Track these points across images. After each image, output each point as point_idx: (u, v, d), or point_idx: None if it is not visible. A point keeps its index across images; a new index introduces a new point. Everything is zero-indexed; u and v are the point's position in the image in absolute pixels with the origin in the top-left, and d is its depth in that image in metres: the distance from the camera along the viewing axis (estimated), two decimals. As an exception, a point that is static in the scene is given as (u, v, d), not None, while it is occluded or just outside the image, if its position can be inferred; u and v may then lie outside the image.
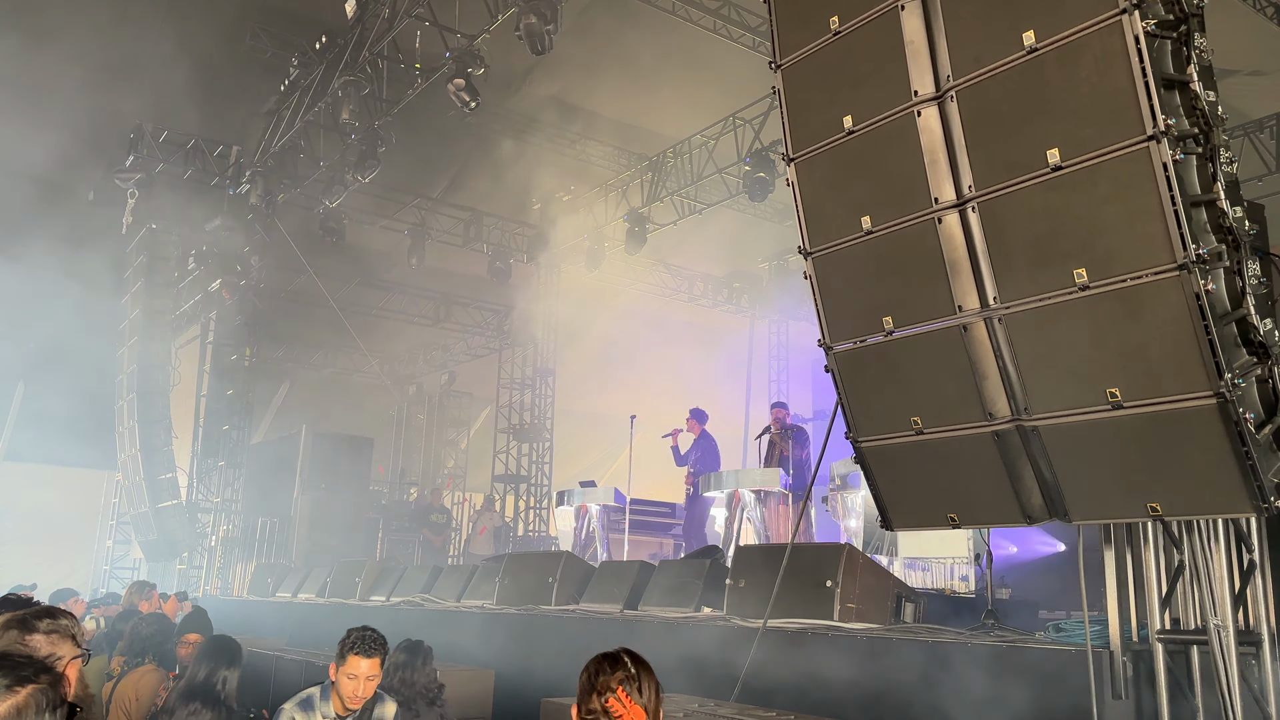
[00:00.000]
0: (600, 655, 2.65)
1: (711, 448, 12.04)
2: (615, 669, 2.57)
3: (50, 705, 1.90)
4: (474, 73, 11.31)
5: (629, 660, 2.61)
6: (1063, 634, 4.86)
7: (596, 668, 2.60)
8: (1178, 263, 3.63)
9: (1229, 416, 3.62)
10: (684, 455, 12.00)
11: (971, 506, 4.61)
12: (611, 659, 2.62)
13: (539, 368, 19.38)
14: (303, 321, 20.17)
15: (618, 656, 2.63)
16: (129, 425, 16.10)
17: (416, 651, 5.24)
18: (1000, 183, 4.12)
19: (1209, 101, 3.80)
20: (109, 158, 15.24)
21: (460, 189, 17.17)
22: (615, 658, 2.62)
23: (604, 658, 2.63)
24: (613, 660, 2.61)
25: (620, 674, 2.56)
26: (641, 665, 2.61)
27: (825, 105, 4.78)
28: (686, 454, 11.98)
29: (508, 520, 18.30)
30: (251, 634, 9.88)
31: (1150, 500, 3.94)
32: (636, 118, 15.44)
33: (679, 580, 7.25)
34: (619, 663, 2.60)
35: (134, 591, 8.13)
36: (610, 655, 2.64)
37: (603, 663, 2.61)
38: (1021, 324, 4.14)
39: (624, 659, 2.61)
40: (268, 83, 14.36)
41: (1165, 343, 3.73)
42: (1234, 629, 4.17)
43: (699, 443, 11.98)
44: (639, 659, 2.63)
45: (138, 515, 16.55)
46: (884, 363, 4.71)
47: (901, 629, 5.72)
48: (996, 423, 4.32)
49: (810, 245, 4.93)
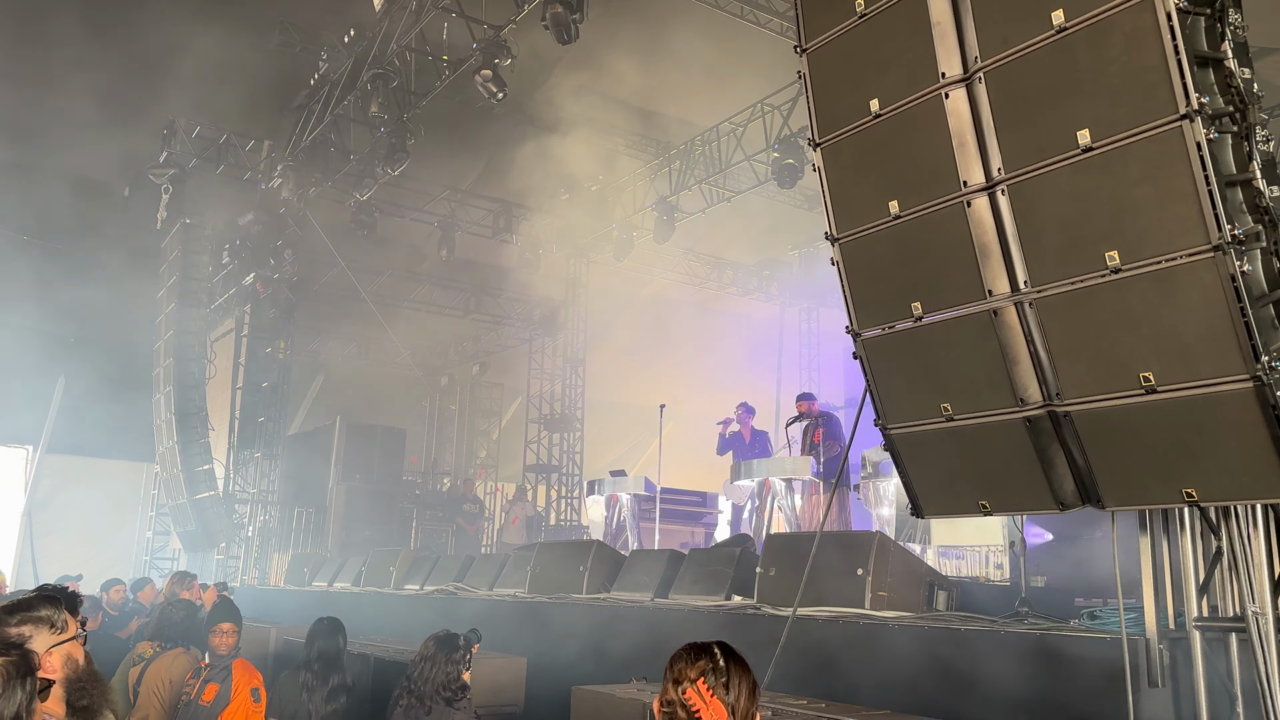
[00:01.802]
0: (689, 645, 2.43)
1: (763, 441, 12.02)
2: (699, 658, 2.36)
3: (20, 674, 2.05)
4: (501, 64, 11.33)
5: (718, 651, 2.39)
6: (1098, 621, 4.81)
7: (680, 656, 2.39)
8: (1212, 244, 3.55)
9: (1266, 400, 3.55)
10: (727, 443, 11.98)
11: (1003, 493, 4.56)
12: (698, 648, 2.40)
13: (569, 358, 19.43)
14: (336, 314, 20.36)
15: (707, 646, 2.41)
16: (166, 418, 16.34)
17: (445, 645, 5.17)
18: (1030, 165, 4.05)
19: (1244, 79, 3.72)
20: (143, 154, 15.44)
21: (489, 180, 17.22)
22: (703, 647, 2.40)
23: (691, 646, 2.42)
24: (698, 649, 2.39)
25: (704, 664, 2.34)
26: (733, 659, 2.38)
27: (851, 89, 4.74)
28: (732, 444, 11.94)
29: (539, 510, 18.39)
30: (288, 623, 10.02)
31: (1185, 486, 3.87)
32: (664, 106, 15.40)
33: (709, 569, 7.25)
34: (705, 653, 2.38)
35: (175, 582, 8.26)
36: (699, 644, 2.42)
37: (688, 651, 2.40)
38: (1053, 308, 4.08)
39: (713, 649, 2.39)
40: (297, 77, 14.47)
41: (1199, 326, 3.66)
42: (1274, 616, 4.10)
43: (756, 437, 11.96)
44: (732, 652, 2.40)
45: (176, 506, 16.81)
46: (913, 349, 4.66)
47: (933, 617, 5.68)
48: (1028, 408, 4.27)
49: (837, 231, 4.89)
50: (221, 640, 5.25)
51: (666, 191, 16.28)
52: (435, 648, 5.13)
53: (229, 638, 5.30)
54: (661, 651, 6.48)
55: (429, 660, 5.08)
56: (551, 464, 19.03)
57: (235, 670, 5.06)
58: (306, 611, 11.84)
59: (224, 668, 5.10)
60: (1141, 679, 4.30)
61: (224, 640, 5.27)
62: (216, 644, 5.24)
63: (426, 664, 5.07)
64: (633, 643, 6.72)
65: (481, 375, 22.82)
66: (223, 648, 5.24)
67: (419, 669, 5.06)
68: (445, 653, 5.10)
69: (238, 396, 17.41)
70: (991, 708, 4.66)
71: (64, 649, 2.64)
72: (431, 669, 5.04)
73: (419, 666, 5.07)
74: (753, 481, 10.97)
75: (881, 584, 5.81)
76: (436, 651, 5.11)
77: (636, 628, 6.90)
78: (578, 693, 5.34)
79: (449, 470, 21.50)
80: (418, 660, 5.09)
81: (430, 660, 5.08)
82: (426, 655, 5.11)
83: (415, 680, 5.03)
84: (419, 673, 5.05)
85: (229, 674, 5.02)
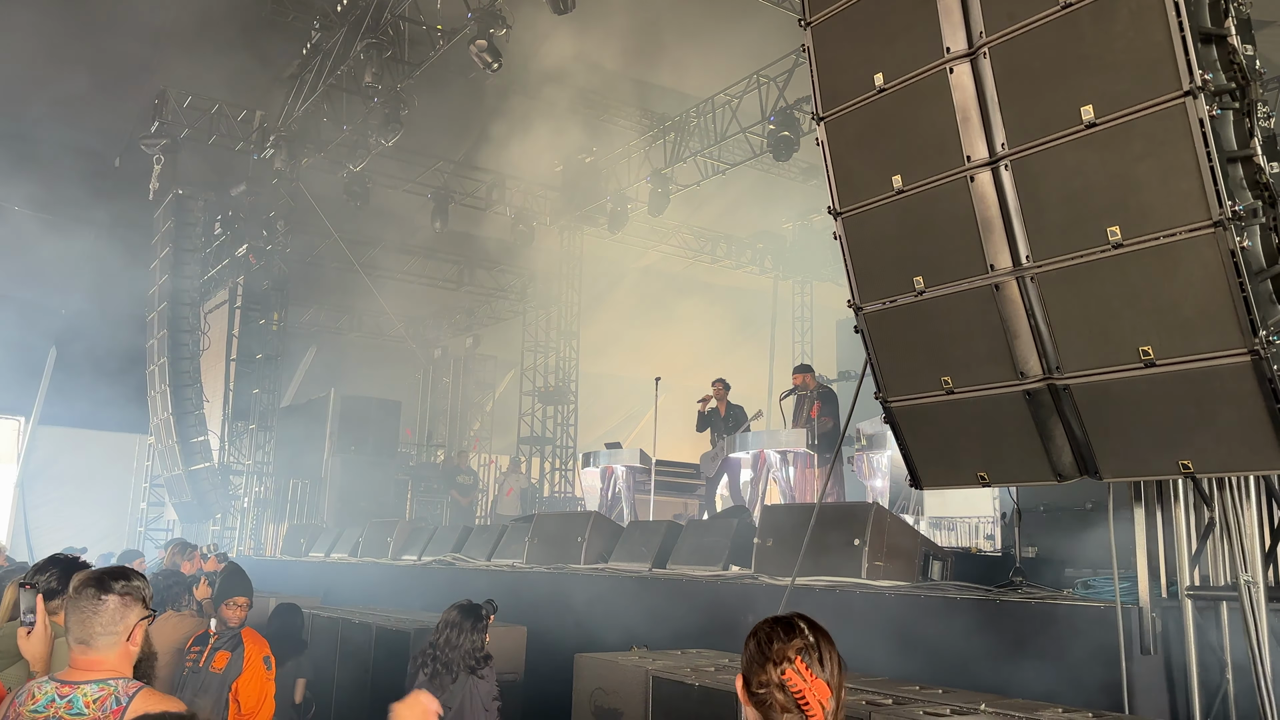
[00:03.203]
0: (770, 620, 2.28)
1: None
2: (791, 636, 2.21)
3: None
4: (496, 33, 11.26)
5: (805, 626, 2.24)
6: (1091, 590, 4.89)
7: (769, 634, 2.23)
8: (1212, 220, 3.60)
9: (1263, 373, 3.61)
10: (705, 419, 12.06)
11: (1001, 465, 4.63)
12: (785, 624, 2.24)
13: (563, 330, 19.45)
14: (329, 286, 20.32)
15: (792, 622, 2.25)
16: (160, 389, 16.34)
17: (469, 614, 5.19)
18: (1033, 140, 4.08)
19: (1247, 56, 3.75)
20: (135, 124, 15.32)
21: (483, 152, 17.14)
22: (789, 623, 2.24)
23: (775, 623, 2.26)
24: (787, 626, 2.24)
25: (798, 641, 2.19)
26: (820, 633, 2.25)
27: (856, 63, 4.75)
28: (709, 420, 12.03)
29: (534, 482, 18.47)
30: (287, 593, 10.09)
31: (1182, 458, 3.94)
32: (659, 77, 15.33)
33: (707, 539, 7.33)
34: (795, 629, 2.23)
35: (176, 552, 8.28)
36: (783, 620, 2.26)
37: (775, 628, 2.24)
38: (1054, 282, 4.13)
39: (800, 624, 2.24)
40: (290, 46, 14.36)
41: (1198, 300, 3.71)
42: (1264, 585, 4.19)
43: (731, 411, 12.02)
44: (817, 626, 2.26)
45: (171, 478, 16.84)
46: (914, 322, 4.71)
47: (929, 586, 5.77)
48: (1028, 381, 4.32)
49: (840, 205, 4.91)
50: (234, 613, 5.29)
51: (661, 164, 16.24)
52: (460, 616, 5.16)
53: (241, 611, 5.35)
54: (659, 621, 6.57)
55: (455, 628, 5.10)
56: (546, 436, 19.10)
57: (246, 639, 5.10)
58: (303, 581, 11.93)
59: (233, 635, 5.14)
60: (1134, 647, 4.39)
61: (236, 613, 5.30)
62: (229, 615, 5.28)
63: (452, 632, 5.09)
64: (631, 612, 6.80)
65: (475, 348, 22.83)
66: (234, 620, 5.28)
67: (444, 636, 5.09)
68: (471, 622, 5.13)
69: (231, 368, 17.40)
70: (987, 676, 4.74)
71: (143, 625, 2.73)
72: (458, 637, 5.07)
73: (444, 634, 5.10)
74: (748, 453, 11.06)
75: (878, 554, 5.89)
76: (462, 620, 5.13)
77: (634, 597, 6.98)
78: (580, 659, 5.41)
79: (443, 443, 21.53)
80: (442, 628, 5.12)
81: (456, 628, 5.10)
82: (451, 623, 5.12)
83: (440, 648, 5.06)
84: (444, 639, 5.07)
85: (239, 642, 5.06)
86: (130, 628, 2.65)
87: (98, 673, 2.59)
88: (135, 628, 2.67)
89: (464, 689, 5.08)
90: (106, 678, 2.59)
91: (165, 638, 5.58)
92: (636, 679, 4.89)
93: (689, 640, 6.09)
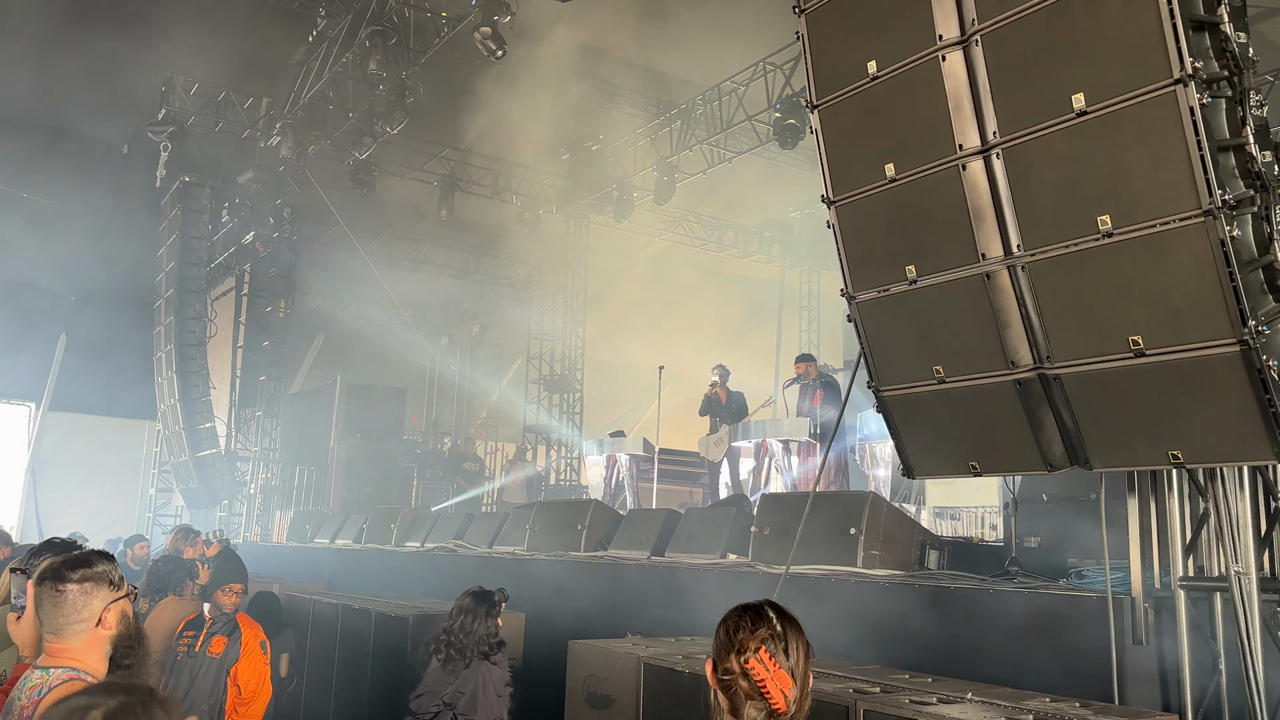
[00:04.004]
0: (740, 608, 2.29)
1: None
2: (757, 626, 2.21)
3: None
4: (500, 20, 11.24)
5: (773, 615, 2.24)
6: (1085, 580, 4.89)
7: (736, 623, 2.24)
8: (1203, 209, 3.57)
9: (1252, 364, 3.59)
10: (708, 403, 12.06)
11: (992, 454, 4.62)
12: (754, 612, 2.25)
13: (569, 319, 19.45)
14: (335, 273, 20.35)
15: (760, 610, 2.25)
16: (168, 376, 16.42)
17: (483, 600, 5.23)
18: (1025, 129, 4.06)
19: (1239, 43, 3.72)
20: (141, 111, 15.36)
21: (488, 139, 17.12)
22: (758, 611, 2.25)
23: (744, 611, 2.27)
24: (755, 614, 2.24)
25: (763, 631, 2.20)
26: (788, 622, 2.25)
27: (849, 51, 4.72)
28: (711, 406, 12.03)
29: (539, 470, 18.52)
30: (291, 579, 10.17)
31: (1172, 448, 3.93)
32: (665, 65, 15.27)
33: (705, 528, 7.34)
34: (761, 617, 2.23)
35: (179, 538, 8.34)
36: (752, 608, 2.27)
37: (743, 616, 2.25)
38: (1045, 272, 4.11)
39: (767, 613, 2.24)
40: (295, 34, 14.35)
41: (1189, 290, 3.69)
42: (1256, 576, 4.18)
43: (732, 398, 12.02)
44: (785, 614, 2.27)
45: (178, 464, 16.94)
46: (906, 312, 4.70)
47: (924, 575, 5.77)
48: (1019, 371, 4.31)
49: (834, 193, 4.90)
50: (229, 598, 5.34)
51: (667, 152, 16.19)
52: (474, 603, 5.20)
53: (236, 596, 5.40)
54: (657, 608, 6.59)
55: (469, 614, 5.14)
56: (551, 424, 19.13)
57: (242, 625, 5.15)
58: (307, 568, 12.01)
59: (228, 620, 5.20)
60: (1126, 637, 4.38)
61: (231, 599, 5.36)
62: (223, 601, 5.34)
63: (467, 617, 5.13)
64: (629, 599, 6.83)
65: (481, 336, 22.85)
66: (229, 606, 5.33)
67: (458, 622, 5.12)
68: (484, 608, 5.17)
69: (238, 355, 17.48)
70: (980, 665, 4.75)
71: (120, 605, 2.73)
72: (473, 623, 5.11)
73: (458, 619, 5.13)
74: (750, 442, 11.07)
75: (874, 543, 5.89)
76: (476, 606, 5.17)
77: (633, 585, 7.01)
78: (574, 646, 5.44)
79: (449, 430, 21.59)
80: (456, 614, 5.15)
81: (470, 614, 5.14)
82: (466, 609, 5.16)
83: (455, 633, 5.10)
84: (458, 625, 5.11)
85: (236, 628, 5.12)
86: (97, 613, 2.67)
87: (61, 660, 2.62)
88: (105, 611, 2.68)
89: (477, 675, 5.13)
90: (66, 665, 2.61)
91: (165, 622, 5.65)
92: (628, 666, 4.91)
93: (686, 628, 6.12)
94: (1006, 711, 3.62)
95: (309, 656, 7.78)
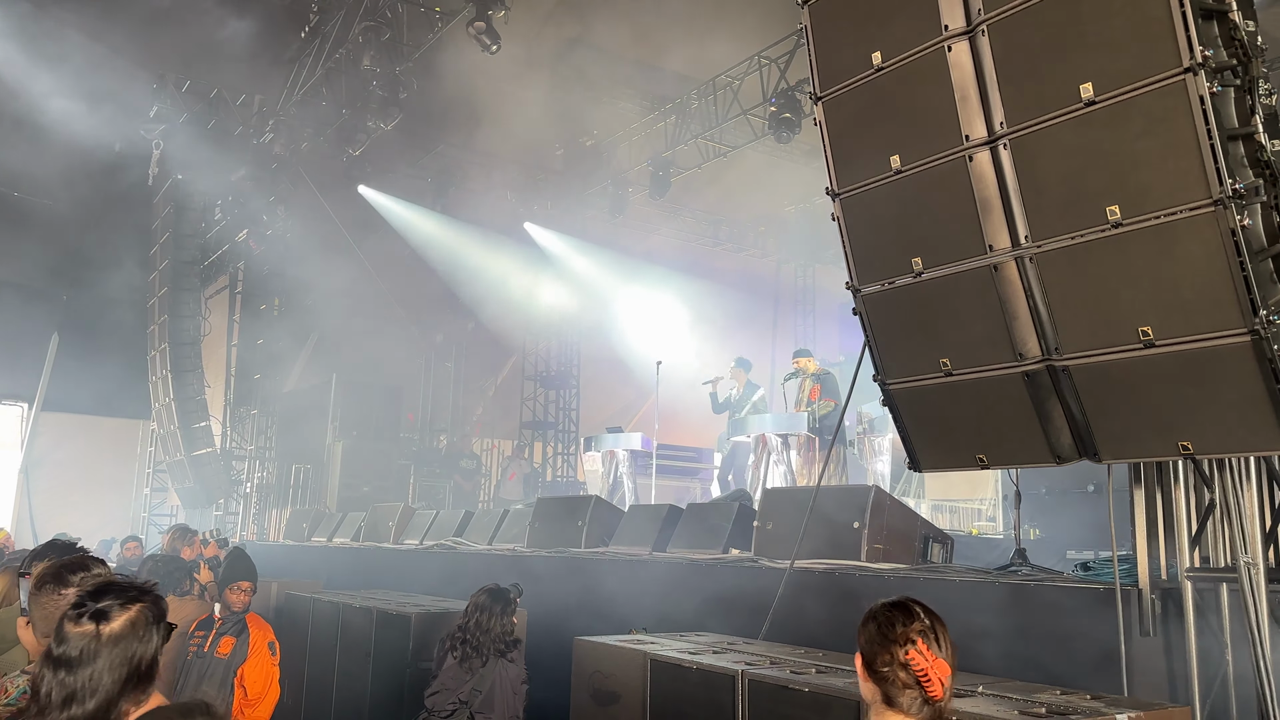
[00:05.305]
0: (886, 604, 2.35)
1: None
2: (910, 620, 2.28)
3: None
4: (495, 15, 11.19)
5: (921, 610, 2.32)
6: (1090, 572, 4.88)
7: (888, 618, 2.30)
8: (1212, 198, 3.56)
9: (1263, 354, 3.58)
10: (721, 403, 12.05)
11: (1000, 447, 4.61)
12: (904, 609, 2.32)
13: (565, 314, 19.40)
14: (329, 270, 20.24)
15: (908, 606, 2.32)
16: (162, 375, 16.34)
17: (499, 597, 5.19)
18: (1032, 119, 4.04)
19: (1249, 31, 3.70)
20: (134, 109, 15.26)
21: (482, 135, 17.05)
22: (906, 607, 2.32)
23: (893, 607, 2.33)
24: (905, 610, 2.31)
25: (917, 624, 2.27)
26: (935, 616, 2.33)
27: (853, 42, 4.69)
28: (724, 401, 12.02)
29: (536, 467, 18.48)
30: (289, 578, 10.12)
31: (1181, 439, 3.91)
32: (659, 59, 15.21)
33: (707, 523, 7.32)
34: (912, 613, 2.30)
35: (176, 538, 8.29)
36: (899, 604, 2.34)
37: (894, 612, 2.32)
38: (1053, 263, 4.09)
39: (915, 609, 2.31)
40: (288, 30, 14.25)
41: (1198, 280, 3.68)
42: (1264, 567, 4.17)
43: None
44: (928, 608, 2.34)
45: (174, 463, 16.86)
46: (913, 304, 4.67)
47: (929, 569, 5.75)
48: (1027, 363, 4.29)
49: (838, 186, 4.87)
50: (239, 597, 5.30)
51: (662, 147, 16.15)
52: (489, 600, 5.16)
53: (245, 595, 5.36)
54: (659, 604, 6.56)
55: (485, 612, 5.10)
56: (548, 420, 19.09)
57: (251, 625, 5.11)
58: (306, 567, 11.96)
59: (238, 621, 5.16)
60: (1133, 629, 4.37)
61: (240, 598, 5.31)
62: (233, 600, 5.29)
63: (483, 615, 5.09)
64: (631, 596, 6.80)
65: (476, 332, 22.76)
66: (238, 604, 5.29)
67: (474, 620, 5.08)
68: (500, 605, 5.14)
69: (233, 353, 17.40)
70: (986, 659, 4.73)
71: None
72: (489, 620, 5.07)
73: (474, 617, 5.09)
74: (748, 437, 11.05)
75: (877, 537, 5.88)
76: (491, 604, 5.13)
77: (635, 581, 6.98)
78: (579, 643, 5.41)
79: (445, 427, 21.53)
80: (472, 611, 5.11)
81: (486, 612, 5.10)
82: (481, 607, 5.12)
83: (470, 631, 5.06)
84: (475, 623, 5.07)
85: (244, 628, 5.08)
86: None
87: None
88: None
89: (493, 672, 5.10)
90: None
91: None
92: (635, 662, 4.89)
93: (689, 623, 6.10)
94: (1019, 705, 3.60)
95: (309, 656, 7.73)
